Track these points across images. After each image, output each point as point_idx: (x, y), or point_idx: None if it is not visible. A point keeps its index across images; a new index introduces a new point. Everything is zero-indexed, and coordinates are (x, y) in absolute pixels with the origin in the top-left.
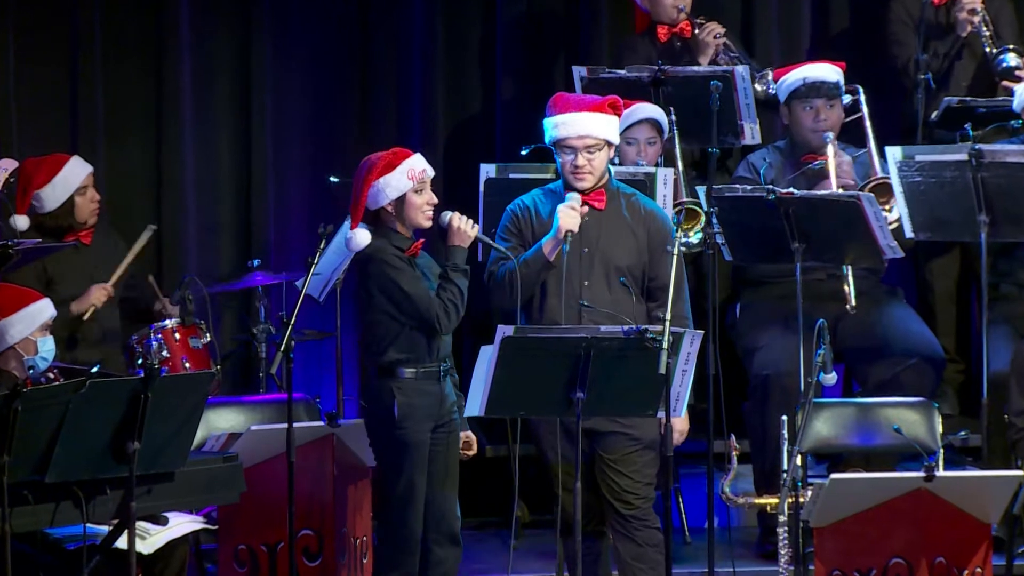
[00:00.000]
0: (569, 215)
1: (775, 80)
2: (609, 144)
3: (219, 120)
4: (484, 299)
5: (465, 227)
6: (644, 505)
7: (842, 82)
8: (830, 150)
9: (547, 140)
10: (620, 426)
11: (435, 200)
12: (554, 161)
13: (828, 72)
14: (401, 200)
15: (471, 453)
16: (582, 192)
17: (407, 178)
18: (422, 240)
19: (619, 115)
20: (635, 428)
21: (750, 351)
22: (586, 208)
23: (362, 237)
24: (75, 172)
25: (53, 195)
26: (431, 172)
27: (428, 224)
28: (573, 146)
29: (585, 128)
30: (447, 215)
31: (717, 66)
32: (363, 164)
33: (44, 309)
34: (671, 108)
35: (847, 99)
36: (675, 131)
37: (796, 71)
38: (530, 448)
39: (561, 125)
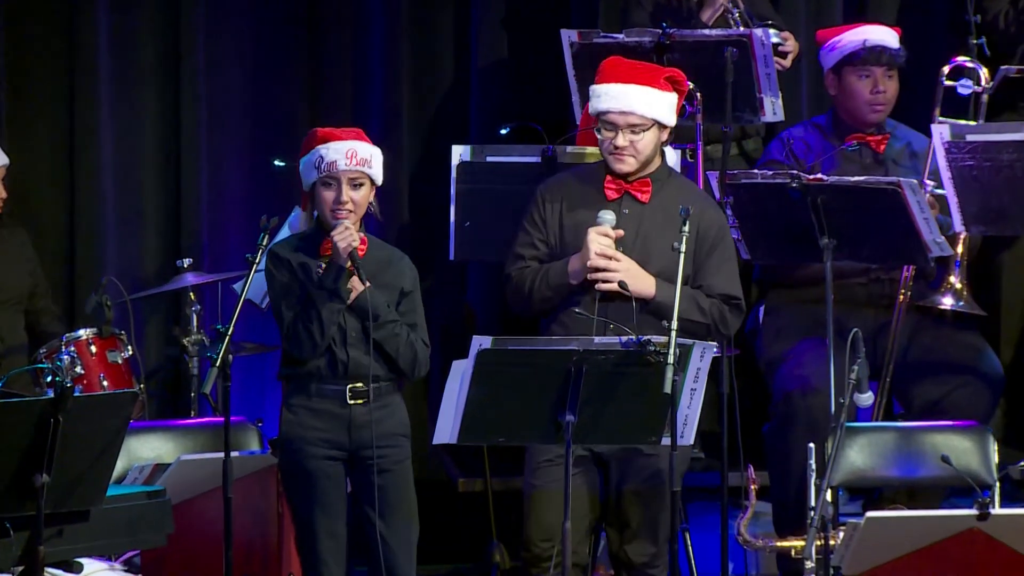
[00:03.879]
0: (600, 242)
1: (818, 42)
2: (661, 125)
3: (142, 93)
4: (456, 306)
5: (341, 241)
6: (662, 549)
7: (903, 50)
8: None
9: (591, 111)
10: (640, 450)
11: (351, 199)
12: (542, 141)
13: (890, 37)
14: (312, 190)
15: None
16: (622, 177)
17: (314, 167)
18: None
19: (682, 91)
20: (658, 453)
21: (774, 363)
22: (622, 232)
23: (296, 220)
24: None
25: None
26: (351, 166)
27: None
28: (614, 122)
29: (629, 103)
30: (340, 224)
31: (728, 27)
32: None
33: None
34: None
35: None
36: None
37: (851, 32)
38: (511, 482)
39: (604, 96)
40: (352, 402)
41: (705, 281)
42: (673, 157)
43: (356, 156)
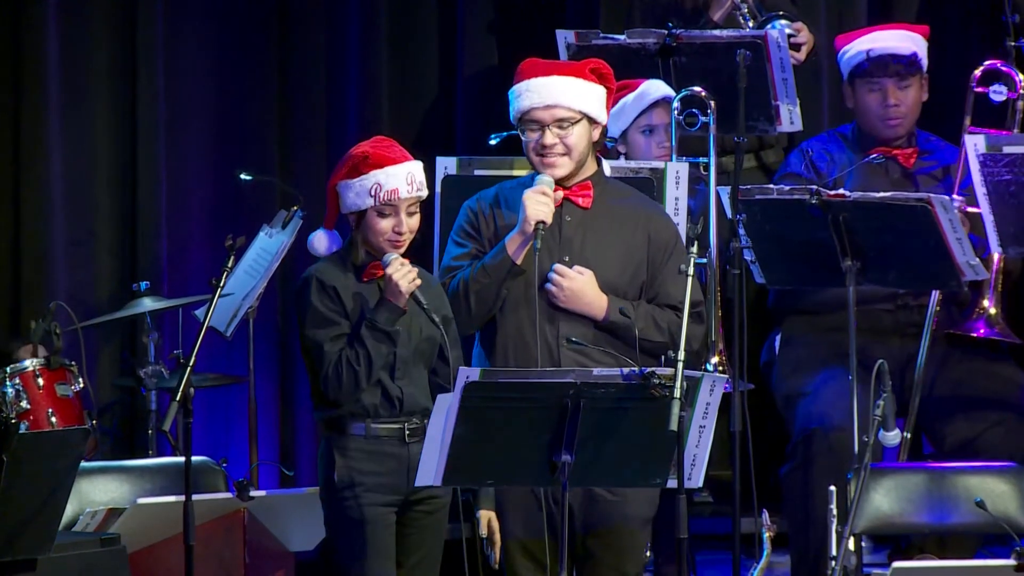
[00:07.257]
0: (538, 201)
1: (838, 49)
2: (591, 120)
3: (95, 101)
4: None
5: (401, 280)
6: None
7: (921, 54)
8: None
9: (511, 116)
10: (603, 496)
11: (409, 227)
12: None
13: (900, 42)
14: (361, 217)
15: None
16: (559, 182)
17: (368, 194)
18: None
19: (609, 86)
20: (622, 497)
21: (792, 398)
22: (560, 193)
23: (319, 241)
24: None
25: None
26: (413, 192)
27: (395, 253)
28: (539, 119)
29: (553, 96)
30: (388, 259)
31: (738, 26)
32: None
33: None
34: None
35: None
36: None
37: (860, 40)
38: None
39: (525, 93)
40: (411, 441)
41: (661, 290)
42: (681, 170)
43: (415, 181)
